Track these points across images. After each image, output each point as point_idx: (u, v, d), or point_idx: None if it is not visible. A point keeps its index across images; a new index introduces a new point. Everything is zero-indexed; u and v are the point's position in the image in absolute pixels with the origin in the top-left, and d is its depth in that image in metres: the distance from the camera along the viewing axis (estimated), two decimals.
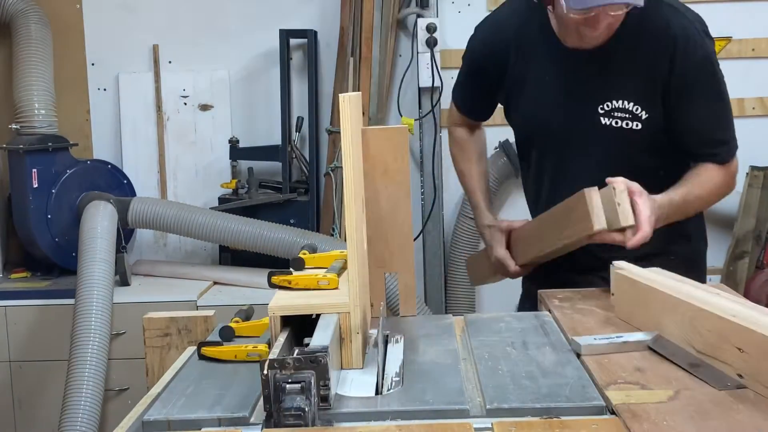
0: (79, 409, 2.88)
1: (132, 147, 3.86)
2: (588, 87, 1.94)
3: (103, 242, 3.25)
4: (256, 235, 3.35)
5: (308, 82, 3.69)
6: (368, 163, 1.75)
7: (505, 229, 2.11)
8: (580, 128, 1.97)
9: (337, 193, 3.62)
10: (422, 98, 3.65)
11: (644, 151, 1.96)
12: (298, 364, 1.17)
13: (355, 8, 3.60)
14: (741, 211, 3.56)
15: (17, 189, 3.54)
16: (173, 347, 1.77)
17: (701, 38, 1.89)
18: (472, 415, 1.24)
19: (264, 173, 3.79)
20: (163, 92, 3.83)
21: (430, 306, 3.64)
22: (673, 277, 1.60)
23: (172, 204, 3.51)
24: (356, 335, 1.42)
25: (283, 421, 1.15)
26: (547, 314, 1.75)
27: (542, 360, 1.44)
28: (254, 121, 3.87)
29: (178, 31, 3.83)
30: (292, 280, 1.52)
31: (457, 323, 1.73)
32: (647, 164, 1.95)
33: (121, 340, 3.26)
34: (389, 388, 1.34)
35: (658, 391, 1.27)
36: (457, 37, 3.74)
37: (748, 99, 3.72)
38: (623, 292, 1.64)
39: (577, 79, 1.95)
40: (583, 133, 1.97)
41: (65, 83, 3.76)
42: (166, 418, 1.25)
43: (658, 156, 1.97)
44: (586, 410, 1.23)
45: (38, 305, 3.36)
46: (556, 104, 1.99)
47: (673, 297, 1.47)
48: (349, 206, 1.40)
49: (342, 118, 1.40)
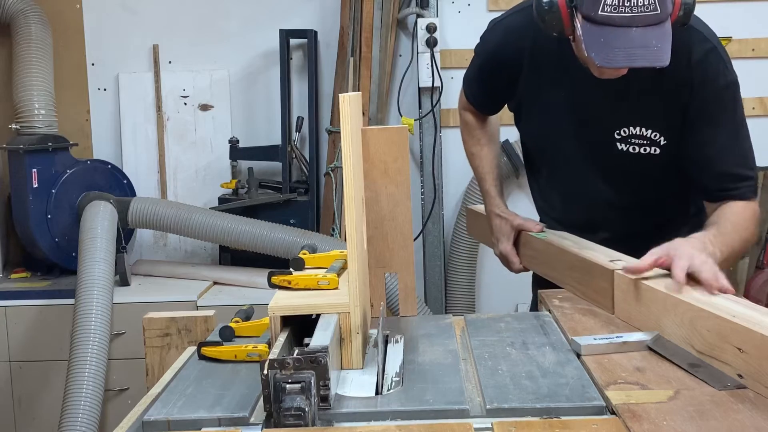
0: (79, 409, 2.88)
1: (132, 147, 3.86)
2: (604, 111, 1.87)
3: (103, 242, 3.25)
4: (256, 235, 3.35)
5: (308, 82, 3.69)
6: (368, 163, 1.75)
7: (516, 228, 2.05)
8: (594, 153, 1.91)
9: (337, 193, 3.62)
10: (422, 98, 3.65)
11: (662, 175, 1.89)
12: (298, 364, 1.17)
13: (355, 8, 3.61)
14: None
15: (17, 189, 3.53)
16: (173, 347, 1.77)
17: (724, 66, 1.81)
18: (472, 415, 1.24)
19: (264, 173, 3.79)
20: (163, 92, 3.83)
21: (430, 306, 3.64)
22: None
23: (172, 204, 3.51)
24: (356, 335, 1.42)
25: (283, 421, 1.15)
26: (547, 314, 1.75)
27: (542, 360, 1.44)
28: (254, 121, 3.87)
29: (178, 31, 3.83)
30: (292, 280, 1.52)
31: (456, 323, 1.73)
32: (664, 188, 1.90)
33: (121, 340, 3.26)
34: (389, 388, 1.34)
35: (658, 391, 1.27)
36: (457, 37, 3.74)
37: (748, 99, 3.71)
38: (623, 292, 1.64)
39: (594, 103, 1.86)
40: (596, 158, 1.91)
41: (65, 83, 3.76)
42: (166, 418, 1.25)
43: (676, 178, 1.90)
44: (586, 410, 1.23)
45: (38, 305, 3.36)
46: (570, 127, 1.92)
47: (673, 297, 1.47)
48: (349, 206, 1.40)
49: (342, 118, 1.40)
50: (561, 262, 1.88)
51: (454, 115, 3.75)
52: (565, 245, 1.88)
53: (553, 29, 1.71)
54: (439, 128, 3.66)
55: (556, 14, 1.68)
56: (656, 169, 1.88)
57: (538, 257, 1.99)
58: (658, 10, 1.60)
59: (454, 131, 3.78)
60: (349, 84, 3.60)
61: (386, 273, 1.80)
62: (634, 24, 1.60)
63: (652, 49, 1.62)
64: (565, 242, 1.91)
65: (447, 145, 3.76)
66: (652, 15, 1.60)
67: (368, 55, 3.59)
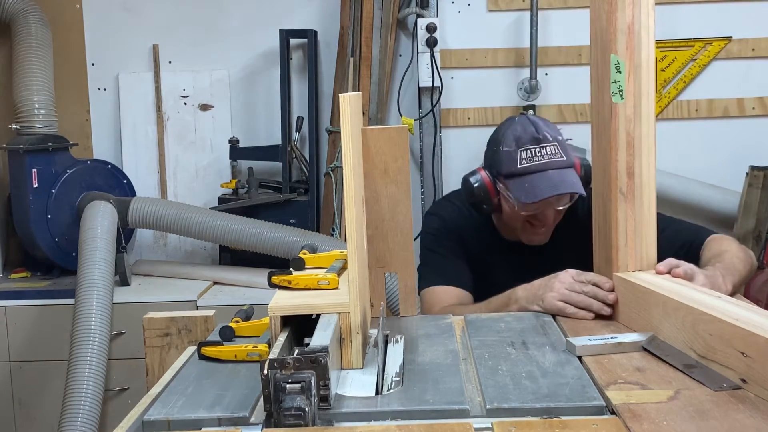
0: (79, 409, 2.88)
1: (132, 147, 3.86)
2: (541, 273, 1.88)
3: (103, 242, 3.25)
4: (256, 235, 3.36)
5: (308, 82, 3.69)
6: (368, 163, 1.75)
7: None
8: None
9: (337, 193, 3.63)
10: (422, 98, 3.65)
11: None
12: (298, 364, 1.17)
13: (355, 8, 3.61)
14: (741, 211, 3.56)
15: (17, 189, 3.53)
16: (173, 347, 1.77)
17: None
18: (472, 415, 1.24)
19: (264, 173, 3.79)
20: (163, 92, 3.83)
21: None
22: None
23: (172, 204, 3.50)
24: (356, 335, 1.42)
25: (283, 421, 1.15)
26: (547, 314, 1.75)
27: (542, 360, 1.44)
28: (254, 121, 3.87)
29: (178, 31, 3.83)
30: (292, 280, 1.52)
31: (456, 323, 1.73)
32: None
33: (121, 340, 3.26)
34: (389, 388, 1.34)
35: (658, 391, 1.27)
36: (457, 37, 3.74)
37: (748, 99, 3.73)
38: (623, 295, 1.64)
39: (531, 270, 1.89)
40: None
41: (65, 83, 3.76)
42: (166, 418, 1.25)
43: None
44: (586, 410, 1.23)
45: (38, 305, 3.36)
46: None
47: (674, 300, 1.46)
48: (349, 206, 1.40)
49: (342, 118, 1.40)
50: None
51: (454, 115, 3.76)
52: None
53: (483, 202, 2.07)
54: (439, 128, 3.66)
55: (484, 188, 2.05)
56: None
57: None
58: (565, 158, 1.99)
59: (454, 131, 3.79)
60: (349, 84, 3.60)
61: (386, 273, 1.80)
62: (550, 168, 1.97)
63: (569, 182, 1.97)
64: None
65: (447, 145, 3.76)
66: (561, 161, 1.99)
67: (368, 55, 3.59)
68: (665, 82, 3.73)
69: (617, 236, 1.67)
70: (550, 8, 3.71)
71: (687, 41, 3.68)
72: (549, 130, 2.02)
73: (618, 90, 1.64)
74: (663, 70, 3.71)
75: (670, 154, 3.60)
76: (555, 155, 1.99)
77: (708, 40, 3.67)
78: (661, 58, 3.68)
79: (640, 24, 1.62)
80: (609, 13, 1.63)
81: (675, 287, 1.53)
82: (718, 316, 1.33)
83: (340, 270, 1.57)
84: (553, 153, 1.99)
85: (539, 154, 1.99)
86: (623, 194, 1.66)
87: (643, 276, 1.63)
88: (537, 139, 2.00)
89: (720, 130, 3.76)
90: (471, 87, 3.77)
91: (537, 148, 1.99)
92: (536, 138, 2.00)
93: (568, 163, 2.01)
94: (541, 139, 2.00)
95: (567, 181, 1.98)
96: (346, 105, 1.39)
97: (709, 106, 3.75)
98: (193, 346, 1.65)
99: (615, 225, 1.67)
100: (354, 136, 1.43)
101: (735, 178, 3.64)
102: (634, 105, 1.64)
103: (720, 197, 3.65)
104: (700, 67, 3.72)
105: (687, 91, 3.76)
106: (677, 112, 3.76)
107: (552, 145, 2.00)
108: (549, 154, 1.98)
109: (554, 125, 2.10)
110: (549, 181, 1.97)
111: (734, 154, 3.71)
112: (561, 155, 1.99)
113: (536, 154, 1.98)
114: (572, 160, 2.02)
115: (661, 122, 3.66)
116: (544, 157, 1.98)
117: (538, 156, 1.99)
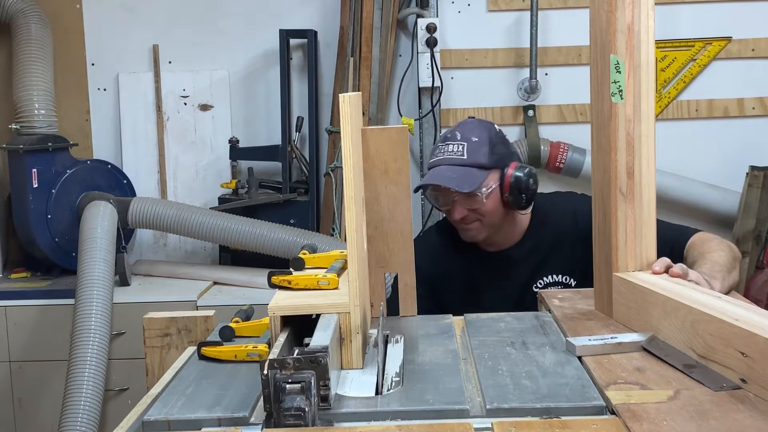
0: (79, 409, 2.88)
1: (132, 147, 3.86)
2: (517, 282, 2.18)
3: (103, 242, 3.25)
4: (256, 235, 3.36)
5: (308, 82, 3.69)
6: (368, 163, 1.75)
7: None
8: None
9: (337, 193, 3.62)
10: (422, 98, 3.65)
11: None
12: (298, 364, 1.17)
13: (355, 8, 3.61)
14: (741, 211, 3.56)
15: (17, 189, 3.53)
16: (173, 347, 1.77)
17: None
18: (472, 415, 1.24)
19: (264, 173, 3.79)
20: (163, 92, 3.83)
21: None
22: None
23: (172, 204, 3.50)
24: (356, 335, 1.42)
25: (283, 421, 1.15)
26: (547, 314, 1.75)
27: (542, 360, 1.44)
28: (254, 121, 3.87)
29: (178, 31, 3.83)
30: (292, 280, 1.52)
31: (456, 323, 1.73)
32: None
33: (121, 340, 3.26)
34: (389, 388, 1.34)
35: (658, 391, 1.27)
36: (457, 37, 3.74)
37: (748, 99, 3.73)
38: (622, 295, 1.64)
39: (509, 281, 2.19)
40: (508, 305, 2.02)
41: (65, 83, 3.76)
42: (166, 418, 1.25)
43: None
44: (586, 410, 1.23)
45: (38, 305, 3.36)
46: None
47: (674, 300, 1.46)
48: (349, 206, 1.40)
49: (342, 118, 1.40)
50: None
51: (454, 115, 3.76)
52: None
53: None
54: (439, 128, 3.66)
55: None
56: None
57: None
58: (465, 157, 2.07)
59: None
60: (349, 84, 3.60)
61: (386, 273, 1.80)
62: (443, 163, 2.09)
63: (450, 177, 2.05)
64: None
65: None
66: (456, 158, 2.07)
67: (368, 55, 3.59)
68: (665, 82, 3.73)
69: (617, 236, 1.67)
70: (550, 8, 3.71)
71: (687, 41, 3.68)
72: (465, 132, 2.10)
73: (618, 90, 1.64)
74: (663, 70, 3.71)
75: (670, 154, 3.60)
76: (455, 153, 2.08)
77: (708, 40, 3.67)
78: (661, 58, 3.68)
79: (640, 24, 1.62)
80: (609, 13, 1.63)
81: (675, 287, 1.53)
82: (718, 316, 1.33)
83: (340, 270, 1.57)
84: (454, 151, 2.08)
85: (442, 151, 2.11)
86: (623, 194, 1.66)
87: (642, 276, 1.63)
88: (446, 137, 2.13)
89: (720, 130, 3.76)
90: (471, 87, 3.77)
91: (443, 145, 2.12)
92: (446, 137, 2.13)
93: (466, 162, 2.06)
94: (449, 138, 2.12)
95: (446, 175, 2.06)
96: (346, 105, 1.39)
97: (709, 106, 3.75)
98: (193, 347, 1.65)
99: (615, 225, 1.66)
100: (354, 136, 1.43)
101: (735, 178, 3.64)
102: (634, 105, 1.64)
103: (720, 197, 3.66)
104: (700, 67, 3.72)
105: (687, 91, 3.75)
106: (677, 112, 3.76)
107: (457, 144, 2.09)
108: (449, 152, 2.09)
109: (492, 127, 2.15)
110: (435, 174, 2.08)
111: (734, 154, 3.71)
112: (462, 154, 2.07)
113: (441, 151, 2.11)
114: (479, 161, 2.06)
115: (661, 122, 3.66)
116: (444, 154, 2.10)
117: (439, 153, 2.12)
